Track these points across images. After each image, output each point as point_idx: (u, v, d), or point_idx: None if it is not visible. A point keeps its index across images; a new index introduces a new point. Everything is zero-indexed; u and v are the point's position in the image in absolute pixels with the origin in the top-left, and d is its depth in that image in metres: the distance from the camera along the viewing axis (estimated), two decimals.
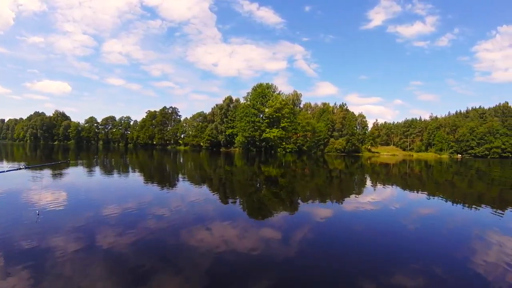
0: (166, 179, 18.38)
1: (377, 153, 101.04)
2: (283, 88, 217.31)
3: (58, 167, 20.21)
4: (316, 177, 22.63)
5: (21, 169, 13.92)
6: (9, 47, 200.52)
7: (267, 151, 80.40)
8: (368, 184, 19.49)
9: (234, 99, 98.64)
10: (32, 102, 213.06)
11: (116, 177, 17.35)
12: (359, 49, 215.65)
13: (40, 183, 13.16)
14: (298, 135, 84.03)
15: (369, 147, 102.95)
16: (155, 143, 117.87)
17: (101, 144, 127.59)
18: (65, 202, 9.42)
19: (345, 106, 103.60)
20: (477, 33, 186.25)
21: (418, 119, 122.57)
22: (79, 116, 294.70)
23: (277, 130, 78.20)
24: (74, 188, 12.49)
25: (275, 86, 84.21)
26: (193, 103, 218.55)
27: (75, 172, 18.95)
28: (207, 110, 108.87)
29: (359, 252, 5.98)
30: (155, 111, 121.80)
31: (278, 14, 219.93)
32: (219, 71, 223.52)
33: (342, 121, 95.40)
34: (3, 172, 12.11)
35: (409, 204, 12.06)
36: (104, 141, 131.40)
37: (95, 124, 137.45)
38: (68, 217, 7.50)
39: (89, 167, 23.51)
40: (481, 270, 5.12)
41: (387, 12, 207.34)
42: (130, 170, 22.92)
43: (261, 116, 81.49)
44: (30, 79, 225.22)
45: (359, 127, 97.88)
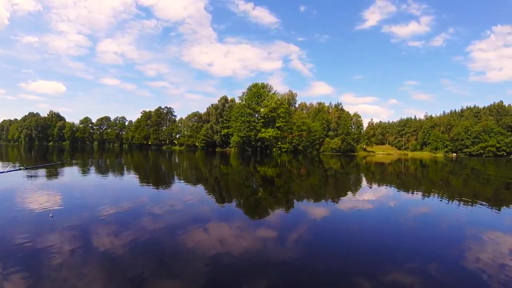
0: (162, 179, 18.26)
1: (372, 152, 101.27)
2: (278, 88, 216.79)
3: (56, 167, 20.29)
4: (312, 177, 22.55)
5: (20, 170, 13.79)
6: (4, 47, 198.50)
7: (263, 151, 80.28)
8: (364, 183, 19.52)
9: (229, 99, 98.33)
10: (27, 103, 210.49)
11: (112, 178, 17.24)
12: (354, 49, 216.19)
13: (40, 183, 13.14)
14: (294, 134, 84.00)
15: (364, 147, 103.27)
16: (150, 143, 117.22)
17: (96, 144, 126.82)
18: (61, 202, 9.42)
19: (340, 106, 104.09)
20: (471, 33, 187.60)
21: (413, 118, 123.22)
22: (73, 116, 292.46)
23: (272, 130, 78.10)
24: (71, 188, 12.52)
25: (270, 86, 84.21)
26: (188, 103, 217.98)
27: (73, 173, 18.87)
28: (202, 110, 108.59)
29: (356, 251, 6.04)
30: (150, 111, 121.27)
31: (274, 14, 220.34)
32: (214, 71, 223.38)
33: (337, 120, 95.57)
34: (3, 172, 12.00)
35: (404, 203, 12.05)
36: (99, 141, 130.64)
37: (90, 125, 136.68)
38: (64, 217, 7.47)
39: (85, 168, 23.36)
40: (476, 268, 5.17)
41: (382, 12, 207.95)
42: (125, 171, 22.72)
43: (257, 116, 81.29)
44: (25, 79, 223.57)
45: (354, 127, 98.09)
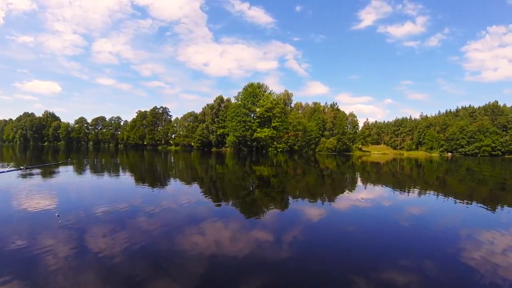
0: (157, 179, 18.13)
1: (367, 152, 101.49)
2: (274, 88, 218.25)
3: (55, 167, 20.25)
4: (308, 177, 22.49)
5: (21, 170, 13.66)
6: None
7: (258, 150, 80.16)
8: (359, 183, 19.52)
9: (225, 99, 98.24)
10: (22, 103, 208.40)
11: (108, 179, 17.04)
12: (350, 49, 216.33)
13: (37, 183, 13.10)
14: (289, 134, 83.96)
15: (360, 146, 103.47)
16: (145, 143, 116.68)
17: (91, 144, 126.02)
18: (58, 202, 9.29)
19: (336, 106, 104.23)
20: (467, 33, 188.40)
21: (408, 118, 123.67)
22: (69, 116, 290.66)
23: (268, 129, 78.05)
24: (67, 188, 12.36)
25: (266, 85, 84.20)
26: (184, 103, 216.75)
27: (70, 173, 18.66)
28: (198, 110, 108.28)
29: (351, 250, 6.07)
30: (145, 111, 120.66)
31: (269, 14, 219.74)
32: (210, 71, 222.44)
33: (333, 120, 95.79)
34: (4, 172, 11.95)
35: (399, 202, 12.01)
36: (94, 141, 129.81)
37: (85, 125, 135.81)
38: (60, 217, 7.33)
39: (82, 168, 23.21)
40: (471, 266, 5.18)
41: (377, 12, 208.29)
42: (121, 171, 22.52)
43: (252, 115, 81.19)
44: (20, 79, 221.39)
45: (349, 127, 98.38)
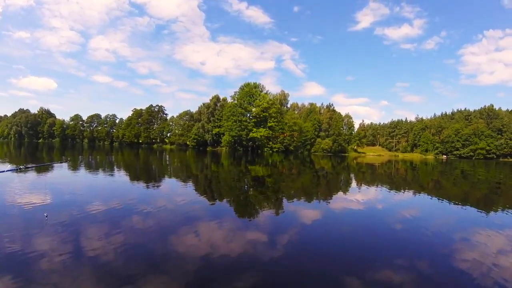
0: (152, 178, 18.06)
1: (363, 153, 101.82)
2: (270, 88, 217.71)
3: (52, 166, 20.12)
4: (303, 177, 22.53)
5: (21, 170, 13.50)
6: None
7: (254, 150, 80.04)
8: (354, 184, 19.61)
9: (221, 98, 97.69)
10: (17, 99, 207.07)
11: (103, 177, 16.92)
12: (347, 50, 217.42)
13: (32, 182, 12.83)
14: (285, 134, 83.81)
15: (355, 148, 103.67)
16: (141, 141, 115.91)
17: (86, 142, 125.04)
18: (51, 200, 9.29)
19: (332, 107, 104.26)
20: (463, 37, 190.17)
21: (403, 120, 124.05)
22: (64, 113, 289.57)
23: (264, 129, 77.89)
24: (63, 187, 12.21)
25: (262, 85, 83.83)
26: (180, 101, 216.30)
27: (65, 172, 18.37)
28: (194, 109, 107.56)
29: (345, 250, 6.14)
30: (141, 109, 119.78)
31: (267, 14, 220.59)
32: (206, 70, 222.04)
33: (328, 121, 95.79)
34: (3, 172, 11.76)
35: (394, 203, 12.07)
36: (89, 139, 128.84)
37: (80, 122, 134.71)
38: (55, 216, 7.33)
39: (77, 166, 23.01)
40: (464, 267, 5.26)
41: (375, 14, 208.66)
42: (116, 170, 22.39)
43: (248, 115, 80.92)
44: (16, 75, 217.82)
45: (345, 128, 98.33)
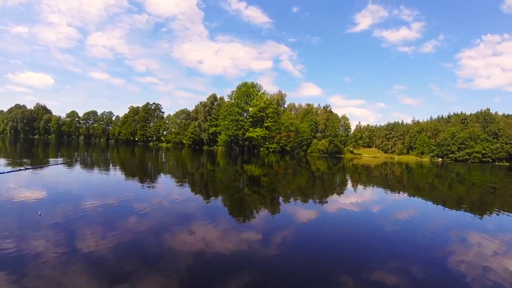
0: (148, 177, 18.03)
1: (359, 155, 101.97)
2: (268, 88, 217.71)
3: (48, 163, 20.21)
4: (299, 178, 22.56)
5: (21, 170, 13.32)
6: None
7: (250, 150, 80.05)
8: (350, 185, 19.65)
9: (218, 98, 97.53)
10: (14, 94, 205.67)
11: (99, 175, 16.83)
12: (345, 51, 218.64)
13: (28, 180, 12.66)
14: (282, 135, 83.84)
15: (351, 149, 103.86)
16: (137, 139, 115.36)
17: (82, 139, 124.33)
18: (46, 199, 9.24)
19: (329, 108, 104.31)
20: (461, 41, 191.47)
21: (400, 122, 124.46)
22: (60, 110, 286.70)
23: (260, 129, 77.84)
24: (59, 185, 12.22)
25: (259, 85, 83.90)
26: (177, 100, 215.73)
27: (63, 169, 18.28)
28: (191, 108, 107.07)
29: (340, 250, 6.20)
30: (138, 107, 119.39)
31: (266, 14, 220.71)
32: (204, 69, 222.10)
33: (325, 122, 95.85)
34: (3, 173, 11.57)
35: (389, 205, 12.14)
36: (85, 136, 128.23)
37: (77, 119, 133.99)
38: (50, 215, 7.33)
39: (72, 164, 22.70)
40: (458, 270, 5.30)
41: (373, 16, 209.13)
42: (112, 168, 22.38)
43: (245, 115, 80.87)
44: (13, 70, 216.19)
45: (342, 129, 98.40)
